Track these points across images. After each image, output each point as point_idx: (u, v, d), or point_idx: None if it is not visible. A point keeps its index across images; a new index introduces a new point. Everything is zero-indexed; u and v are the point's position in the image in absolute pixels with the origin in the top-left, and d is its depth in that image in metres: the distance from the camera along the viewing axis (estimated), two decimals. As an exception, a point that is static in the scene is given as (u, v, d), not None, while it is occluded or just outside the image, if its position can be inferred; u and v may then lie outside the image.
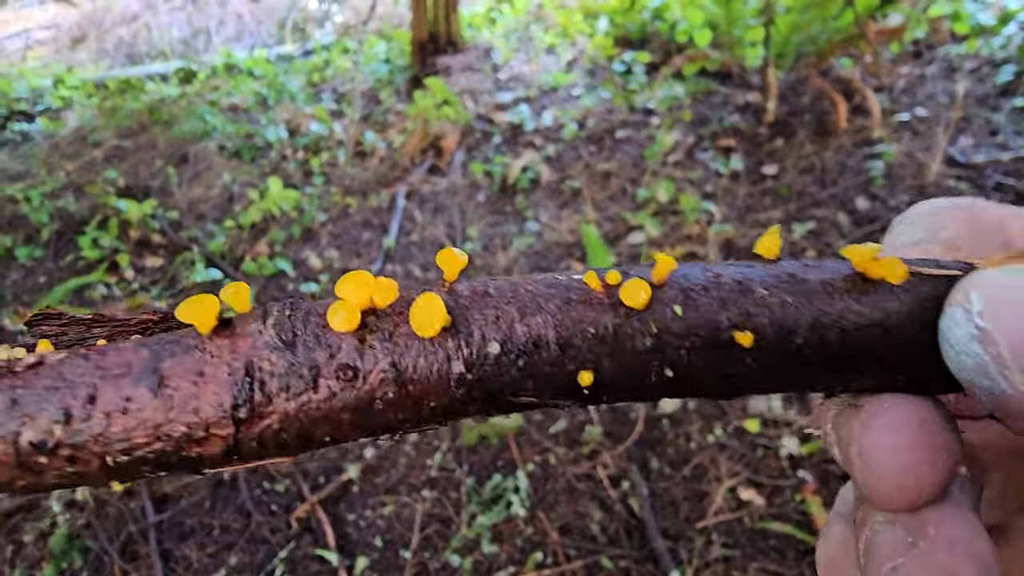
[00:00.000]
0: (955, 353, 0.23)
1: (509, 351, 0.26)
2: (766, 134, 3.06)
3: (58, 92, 4.99)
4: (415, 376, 0.27)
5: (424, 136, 3.58)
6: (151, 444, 0.25)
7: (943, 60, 3.20)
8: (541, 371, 0.26)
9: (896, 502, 0.24)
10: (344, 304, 0.27)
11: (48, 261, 3.08)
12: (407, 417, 0.27)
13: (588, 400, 0.28)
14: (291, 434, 0.26)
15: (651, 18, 4.12)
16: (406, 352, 0.27)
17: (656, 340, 0.26)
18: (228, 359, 0.26)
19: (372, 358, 0.27)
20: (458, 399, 0.27)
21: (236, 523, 1.86)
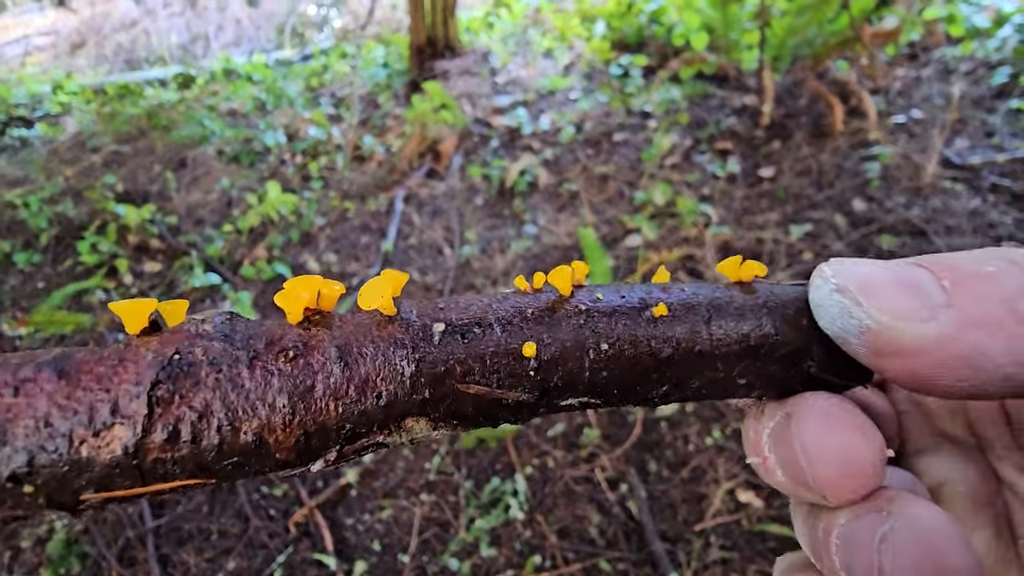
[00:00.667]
0: (823, 309, 0.27)
1: (453, 330, 0.27)
2: (763, 137, 3.07)
3: (57, 98, 5.00)
4: (360, 357, 0.25)
5: (422, 140, 3.59)
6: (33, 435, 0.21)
7: (939, 62, 3.21)
8: (485, 350, 0.27)
9: (848, 487, 0.26)
10: (287, 290, 0.26)
11: (47, 266, 3.08)
12: (351, 411, 0.25)
13: (539, 388, 0.27)
14: (212, 424, 0.23)
15: (648, 22, 4.13)
16: (352, 335, 0.26)
17: (586, 316, 0.28)
18: (155, 347, 0.24)
19: (316, 341, 0.25)
20: (407, 383, 0.26)
21: (234, 528, 1.86)
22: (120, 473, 0.22)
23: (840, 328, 0.26)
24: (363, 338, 0.26)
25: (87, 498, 0.22)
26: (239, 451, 0.24)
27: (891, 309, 0.24)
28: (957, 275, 0.24)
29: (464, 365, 0.26)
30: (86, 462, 0.22)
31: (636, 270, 2.43)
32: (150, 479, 0.23)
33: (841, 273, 0.26)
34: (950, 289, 0.23)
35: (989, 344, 0.22)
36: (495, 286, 2.61)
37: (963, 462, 0.30)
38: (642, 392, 0.29)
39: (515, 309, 0.28)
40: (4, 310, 2.82)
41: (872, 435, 0.26)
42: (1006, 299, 0.22)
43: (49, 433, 0.21)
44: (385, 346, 0.26)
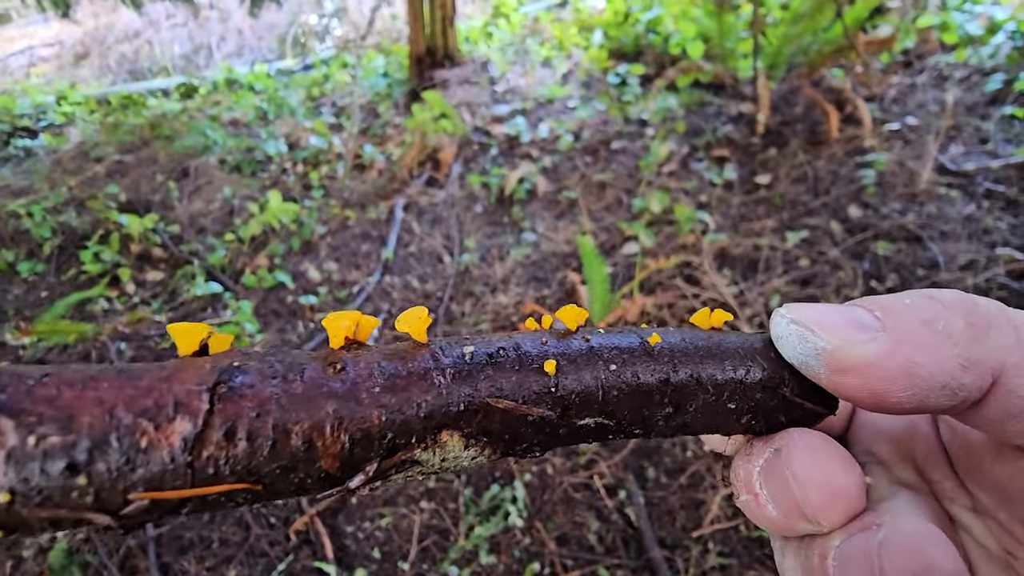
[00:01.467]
0: (784, 340, 0.32)
1: (481, 351, 0.30)
2: (759, 144, 3.10)
3: (61, 108, 5.05)
4: (401, 370, 0.28)
5: (422, 149, 3.62)
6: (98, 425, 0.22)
7: (933, 69, 3.24)
8: (511, 367, 0.30)
9: (838, 509, 0.29)
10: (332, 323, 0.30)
11: (50, 276, 3.10)
12: (392, 419, 0.27)
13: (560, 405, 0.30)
14: (267, 426, 0.24)
15: (645, 31, 4.17)
16: (392, 354, 0.29)
17: (591, 345, 0.32)
18: (211, 361, 0.26)
19: (361, 356, 0.28)
20: (443, 394, 0.28)
21: (235, 536, 1.87)
22: (173, 471, 0.23)
23: (800, 353, 0.31)
24: (403, 356, 0.29)
25: (135, 498, 0.22)
26: (289, 455, 0.25)
27: (839, 334, 0.29)
28: (885, 308, 0.29)
29: (492, 380, 0.29)
30: (144, 454, 0.22)
31: (634, 277, 2.45)
32: (200, 479, 0.23)
33: (794, 310, 0.32)
34: (882, 317, 0.29)
35: (919, 356, 0.27)
36: (494, 294, 2.63)
37: (920, 508, 0.32)
38: (648, 414, 0.32)
39: (533, 337, 0.32)
40: (7, 319, 2.84)
41: (851, 464, 0.30)
42: (924, 321, 0.28)
43: (114, 423, 0.22)
44: (424, 362, 0.29)
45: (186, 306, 2.81)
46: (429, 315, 0.32)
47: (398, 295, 2.77)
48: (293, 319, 2.71)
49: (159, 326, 2.65)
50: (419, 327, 0.31)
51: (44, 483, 0.21)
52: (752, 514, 0.32)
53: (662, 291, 2.41)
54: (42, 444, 0.21)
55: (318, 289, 2.86)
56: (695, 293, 2.36)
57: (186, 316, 2.74)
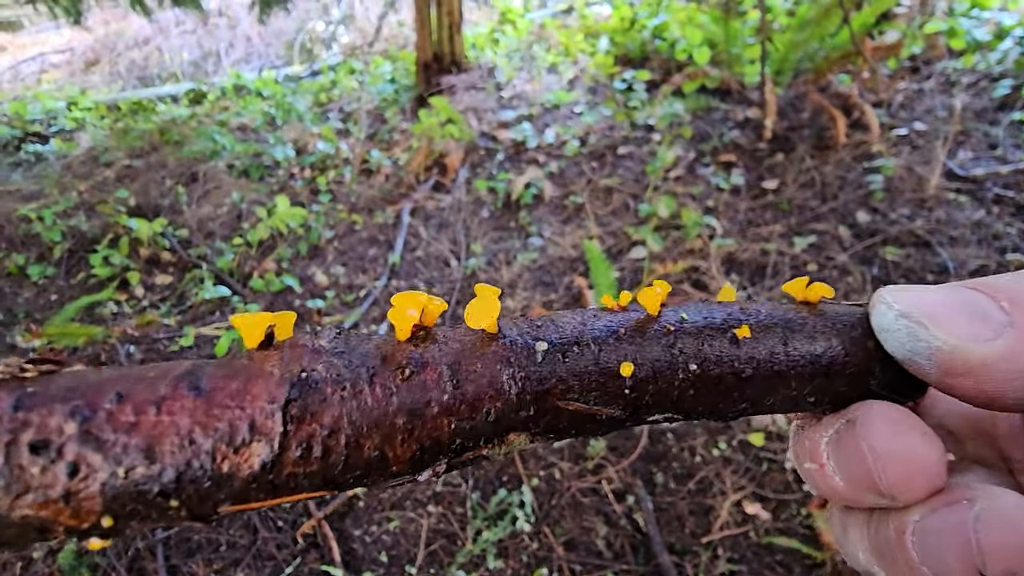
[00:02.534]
0: (890, 333, 0.29)
1: (554, 349, 0.28)
2: (766, 149, 3.10)
3: (72, 114, 5.10)
4: (470, 375, 0.27)
5: (429, 154, 3.64)
6: (180, 452, 0.22)
7: (940, 75, 3.24)
8: (584, 368, 0.28)
9: (919, 484, 0.27)
10: (397, 312, 0.28)
11: (60, 279, 3.13)
12: (461, 427, 0.26)
13: (633, 404, 0.29)
14: (340, 441, 0.24)
15: (651, 37, 4.19)
16: (461, 354, 0.27)
17: (674, 336, 0.29)
18: (279, 363, 0.25)
19: (429, 357, 0.27)
20: (512, 401, 0.27)
21: (243, 539, 1.87)
22: (256, 487, 0.23)
23: (909, 351, 0.28)
24: (472, 357, 0.27)
25: (223, 510, 0.23)
26: (362, 465, 0.25)
27: (958, 331, 0.26)
28: (1013, 297, 0.26)
29: (564, 383, 0.28)
30: (227, 477, 0.23)
31: (641, 281, 2.45)
32: (282, 492, 0.24)
33: (903, 300, 0.28)
34: (1009, 309, 0.25)
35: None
36: (501, 298, 2.64)
37: (1000, 484, 0.29)
38: (723, 409, 0.30)
39: (608, 329, 0.29)
40: (18, 322, 2.86)
41: (934, 438, 0.27)
42: None
43: (194, 450, 0.22)
44: (493, 365, 0.27)
45: (194, 310, 2.82)
46: (498, 300, 0.30)
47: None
48: (301, 323, 2.72)
49: (168, 329, 2.67)
50: (491, 318, 0.28)
51: (140, 507, 0.22)
52: (814, 482, 0.30)
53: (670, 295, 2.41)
54: (131, 475, 0.22)
55: (325, 293, 2.87)
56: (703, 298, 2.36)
57: (195, 320, 2.75)
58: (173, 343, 2.57)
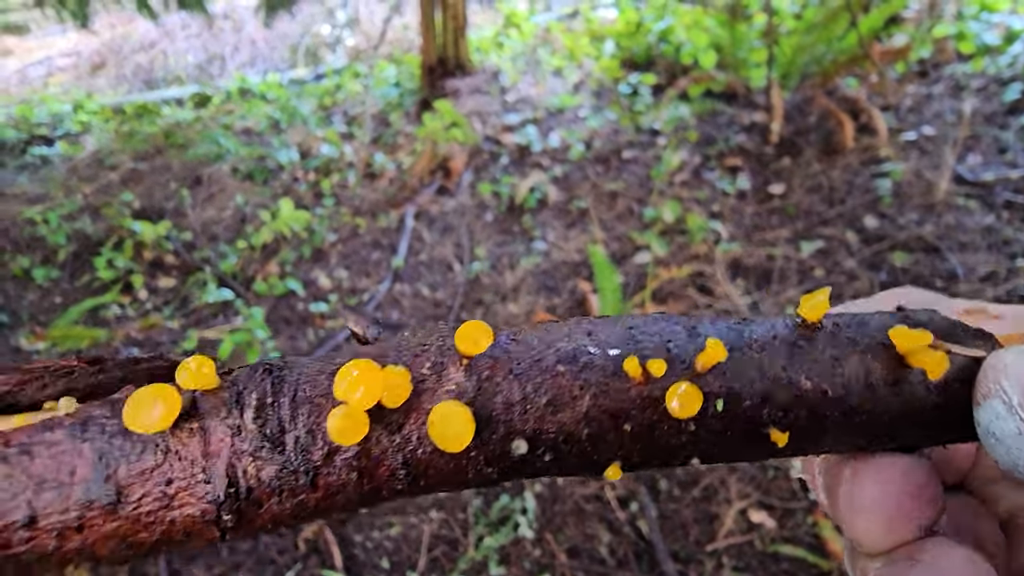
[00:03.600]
0: (1004, 448, 0.23)
1: (537, 448, 0.24)
2: (772, 153, 3.08)
3: (77, 117, 5.13)
4: (430, 473, 0.24)
5: (433, 157, 3.64)
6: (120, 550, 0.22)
7: (949, 79, 3.21)
8: (569, 462, 0.25)
9: (885, 543, 0.26)
10: (347, 412, 0.22)
11: (64, 282, 3.13)
12: (412, 498, 0.25)
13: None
14: (284, 523, 0.24)
15: (656, 41, 4.18)
16: (419, 449, 0.23)
17: (691, 436, 0.25)
18: (202, 463, 0.22)
19: (380, 453, 0.23)
20: (473, 483, 0.25)
21: (244, 543, 1.86)
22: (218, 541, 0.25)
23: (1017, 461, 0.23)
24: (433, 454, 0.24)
25: None
26: None
27: None
28: None
29: (541, 471, 0.26)
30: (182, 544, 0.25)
31: (646, 286, 2.43)
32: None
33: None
34: None
35: None
36: (504, 302, 2.62)
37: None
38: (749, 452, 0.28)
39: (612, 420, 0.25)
40: (23, 324, 2.86)
41: (928, 504, 0.26)
42: None
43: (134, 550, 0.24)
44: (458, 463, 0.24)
45: (197, 313, 2.82)
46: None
47: (408, 303, 2.77)
48: (304, 326, 2.71)
49: (171, 332, 2.67)
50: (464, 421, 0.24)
51: None
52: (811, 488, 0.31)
53: (674, 301, 2.39)
54: None
55: (328, 296, 2.86)
56: (708, 303, 2.34)
57: (198, 323, 2.75)
58: (176, 346, 2.56)
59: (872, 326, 0.27)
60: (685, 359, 0.25)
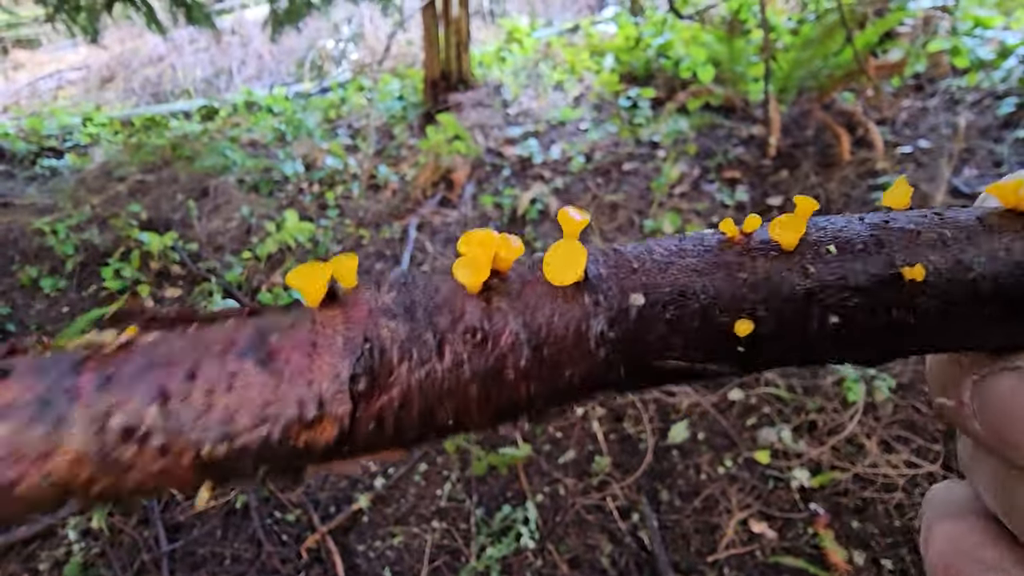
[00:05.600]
0: None
1: (654, 302, 0.23)
2: (770, 166, 3.12)
3: (86, 129, 5.20)
4: (550, 336, 0.23)
5: (436, 170, 3.68)
6: (255, 429, 0.22)
7: (944, 93, 3.26)
8: (690, 325, 0.23)
9: None
10: (468, 260, 0.24)
11: (71, 292, 3.17)
12: (541, 390, 0.24)
13: (745, 361, 0.24)
14: (413, 413, 0.23)
15: (655, 55, 4.24)
16: (538, 310, 0.24)
17: (814, 282, 0.24)
18: (342, 329, 0.23)
19: (501, 319, 0.23)
20: (600, 363, 0.24)
21: (247, 552, 1.87)
22: (334, 452, 0.23)
23: None
24: (552, 315, 0.24)
25: (310, 470, 0.24)
26: (437, 428, 0.24)
27: None
28: None
29: (664, 341, 0.24)
30: (304, 450, 0.23)
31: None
32: (361, 453, 0.24)
33: None
34: None
35: None
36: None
37: None
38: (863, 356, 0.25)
39: (726, 274, 0.24)
40: (30, 334, 2.90)
41: None
42: None
43: (268, 429, 0.22)
44: (578, 324, 0.23)
45: (203, 323, 2.85)
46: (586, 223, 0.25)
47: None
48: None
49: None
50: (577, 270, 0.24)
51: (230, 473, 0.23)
52: (948, 417, 0.26)
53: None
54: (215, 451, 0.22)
55: (332, 307, 2.89)
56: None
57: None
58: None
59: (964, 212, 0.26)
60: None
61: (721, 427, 2.02)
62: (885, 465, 1.84)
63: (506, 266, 0.25)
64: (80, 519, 1.95)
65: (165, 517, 1.95)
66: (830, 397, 2.03)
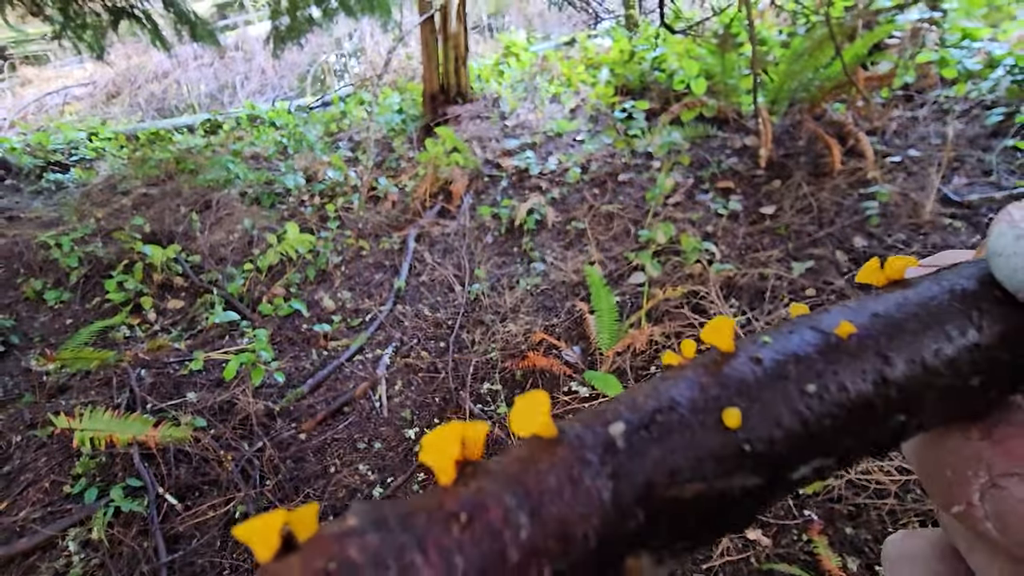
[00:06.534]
0: (1004, 259, 0.23)
1: (634, 428, 0.22)
2: (763, 176, 3.16)
3: (92, 144, 5.28)
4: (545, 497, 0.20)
5: (434, 181, 3.74)
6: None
7: (933, 104, 3.30)
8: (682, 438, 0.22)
9: None
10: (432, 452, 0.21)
11: (75, 304, 3.22)
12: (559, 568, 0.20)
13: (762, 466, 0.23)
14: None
15: (650, 69, 4.31)
16: (523, 474, 0.21)
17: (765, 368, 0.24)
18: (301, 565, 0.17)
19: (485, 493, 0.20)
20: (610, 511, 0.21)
21: (246, 563, 1.89)
22: None
23: (1019, 282, 0.22)
24: (539, 473, 0.21)
25: None
26: None
27: None
28: None
29: (664, 463, 0.22)
30: None
31: (642, 306, 2.49)
32: None
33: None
34: None
35: None
36: (504, 322, 2.68)
37: None
38: (875, 433, 0.24)
39: (686, 381, 0.23)
40: (34, 346, 2.94)
41: None
42: None
43: None
44: (569, 472, 0.21)
45: (204, 334, 2.89)
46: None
47: (410, 324, 2.83)
48: (307, 347, 2.77)
49: (178, 353, 2.73)
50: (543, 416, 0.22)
51: None
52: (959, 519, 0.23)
53: (670, 320, 2.45)
54: None
55: (332, 317, 2.93)
56: (702, 322, 2.39)
57: (204, 344, 2.81)
58: (183, 367, 2.63)
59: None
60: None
61: (714, 434, 2.04)
62: (878, 471, 1.86)
63: (477, 450, 0.22)
64: (80, 530, 1.97)
65: (164, 527, 1.98)
66: (822, 403, 2.05)
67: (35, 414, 2.45)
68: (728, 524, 0.22)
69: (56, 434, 2.28)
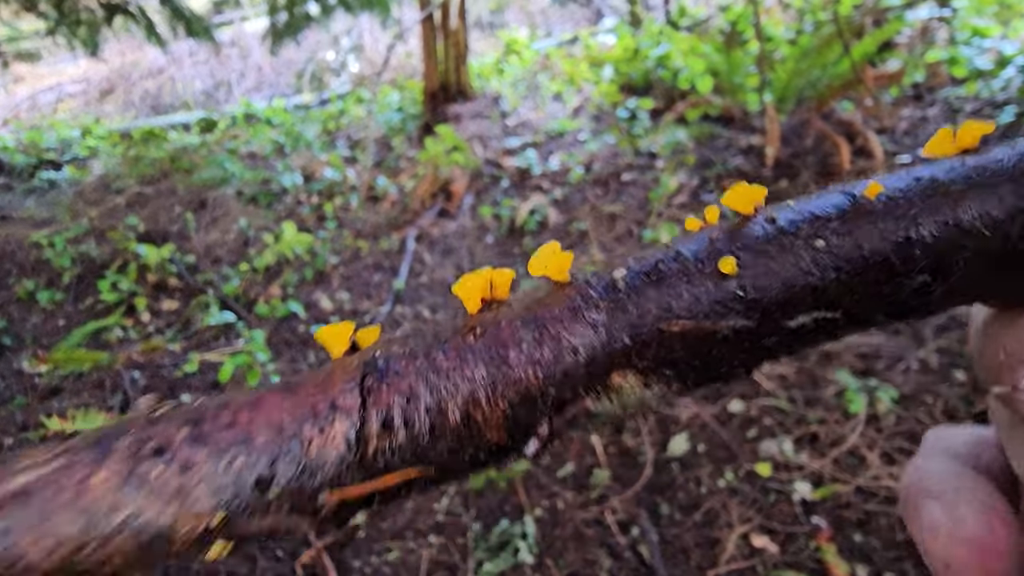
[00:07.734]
0: None
1: (635, 273, 0.25)
2: (770, 176, 3.11)
3: (85, 142, 5.22)
4: (548, 319, 0.24)
5: (434, 181, 3.68)
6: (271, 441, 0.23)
7: (943, 103, 3.26)
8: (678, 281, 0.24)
9: None
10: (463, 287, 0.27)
11: (68, 304, 3.16)
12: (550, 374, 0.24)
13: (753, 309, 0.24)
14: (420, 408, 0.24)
15: (654, 66, 4.26)
16: (534, 304, 0.25)
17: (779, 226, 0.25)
18: (357, 358, 0.25)
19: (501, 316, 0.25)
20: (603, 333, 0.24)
21: (241, 568, 1.84)
22: (348, 469, 0.23)
23: None
24: (547, 303, 0.25)
25: (324, 501, 0.23)
26: (451, 433, 0.24)
27: None
28: None
29: (659, 301, 0.24)
30: (317, 462, 0.23)
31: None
32: (374, 473, 0.23)
33: None
34: None
35: None
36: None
37: None
38: (891, 292, 0.23)
39: (698, 238, 0.25)
40: (26, 347, 2.88)
41: None
42: None
43: (284, 436, 0.23)
44: (570, 302, 0.25)
45: (199, 335, 2.84)
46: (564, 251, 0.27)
47: (409, 325, 2.78)
48: (304, 348, 2.72)
49: (173, 355, 2.68)
50: (557, 266, 0.26)
51: (244, 499, 0.23)
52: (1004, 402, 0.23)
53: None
54: (233, 466, 0.23)
55: (330, 319, 2.87)
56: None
57: (199, 345, 2.76)
58: (177, 369, 2.57)
59: None
60: None
61: (721, 439, 2.00)
62: (887, 477, 1.81)
63: (503, 292, 0.27)
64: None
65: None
66: (831, 408, 2.01)
67: (27, 416, 2.40)
68: (716, 363, 0.24)
69: (48, 436, 2.22)
